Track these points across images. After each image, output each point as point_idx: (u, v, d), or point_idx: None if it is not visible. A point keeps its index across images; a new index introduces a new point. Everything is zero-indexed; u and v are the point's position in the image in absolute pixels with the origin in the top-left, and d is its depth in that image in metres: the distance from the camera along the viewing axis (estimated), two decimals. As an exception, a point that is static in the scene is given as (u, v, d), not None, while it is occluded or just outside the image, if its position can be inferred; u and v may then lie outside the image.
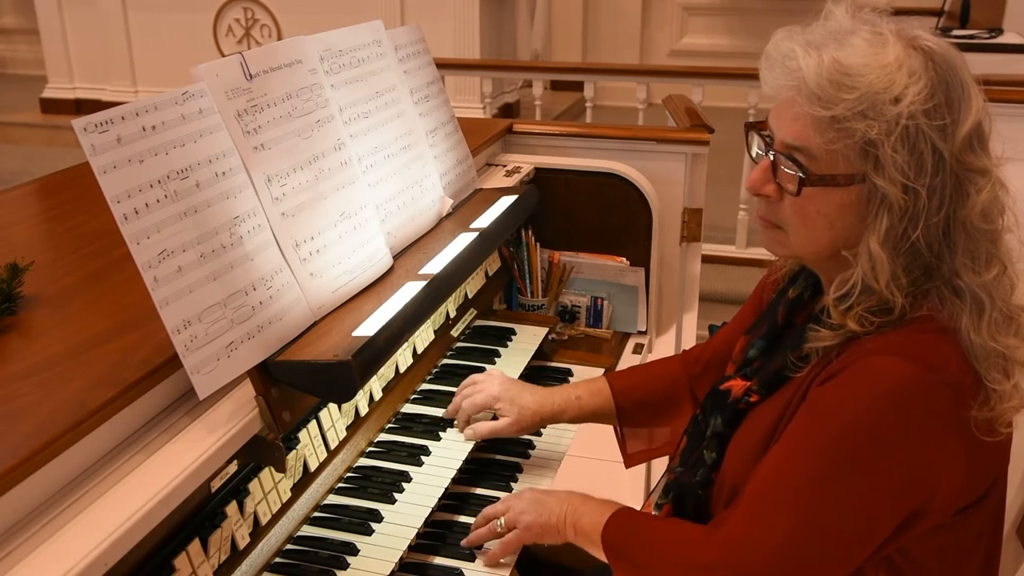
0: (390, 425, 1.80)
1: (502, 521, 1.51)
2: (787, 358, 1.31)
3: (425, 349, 1.92)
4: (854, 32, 1.20)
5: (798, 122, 1.21)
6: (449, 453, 1.72)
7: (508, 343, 2.12)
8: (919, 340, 1.19)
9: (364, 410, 1.70)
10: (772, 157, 1.25)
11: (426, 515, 1.56)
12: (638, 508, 1.76)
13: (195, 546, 1.24)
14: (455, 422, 1.79)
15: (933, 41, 1.19)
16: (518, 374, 2.00)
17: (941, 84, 1.16)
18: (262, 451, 1.34)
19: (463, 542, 1.55)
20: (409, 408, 1.86)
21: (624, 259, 2.37)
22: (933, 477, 1.18)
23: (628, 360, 2.28)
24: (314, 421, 1.54)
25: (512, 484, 1.75)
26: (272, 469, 1.40)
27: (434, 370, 1.99)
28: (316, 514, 1.56)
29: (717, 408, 1.42)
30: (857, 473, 1.16)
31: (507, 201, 2.04)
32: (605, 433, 1.77)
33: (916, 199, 1.16)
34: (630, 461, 1.77)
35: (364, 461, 1.70)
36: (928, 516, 1.20)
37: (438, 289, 1.65)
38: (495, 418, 1.75)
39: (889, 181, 1.16)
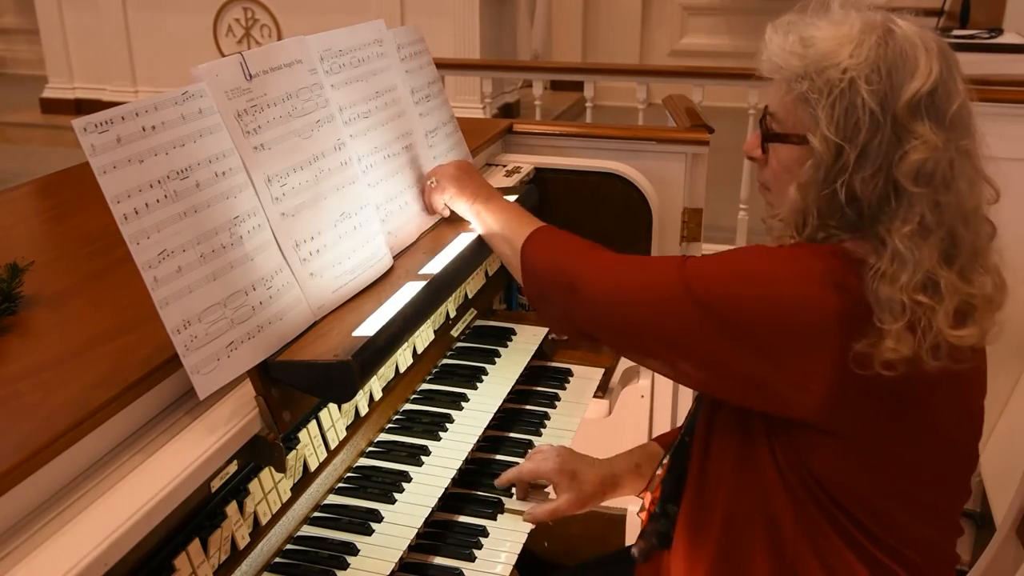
0: (390, 425, 1.80)
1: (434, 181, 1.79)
2: None
3: (425, 349, 1.92)
4: (827, 14, 1.33)
5: (769, 89, 1.37)
6: (449, 453, 1.72)
7: (508, 343, 2.12)
8: (838, 258, 1.28)
9: (364, 410, 1.70)
10: (762, 125, 1.40)
11: (426, 515, 1.56)
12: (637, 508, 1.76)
13: (195, 546, 1.24)
14: (513, 493, 1.72)
15: (902, 26, 1.28)
16: (518, 374, 2.00)
17: (884, 55, 1.25)
18: (262, 451, 1.34)
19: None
20: (409, 408, 1.86)
21: (624, 259, 2.36)
22: (792, 362, 1.26)
23: (628, 360, 2.28)
24: (314, 421, 1.54)
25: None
26: (272, 469, 1.40)
27: (434, 370, 1.99)
28: (316, 514, 1.56)
29: None
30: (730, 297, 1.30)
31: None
32: (604, 433, 1.77)
33: (845, 156, 1.26)
34: None
35: (364, 461, 1.70)
36: (778, 401, 1.29)
37: (438, 289, 1.65)
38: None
39: (820, 138, 1.26)
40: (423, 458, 1.70)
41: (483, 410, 1.86)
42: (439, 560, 1.54)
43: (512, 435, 1.89)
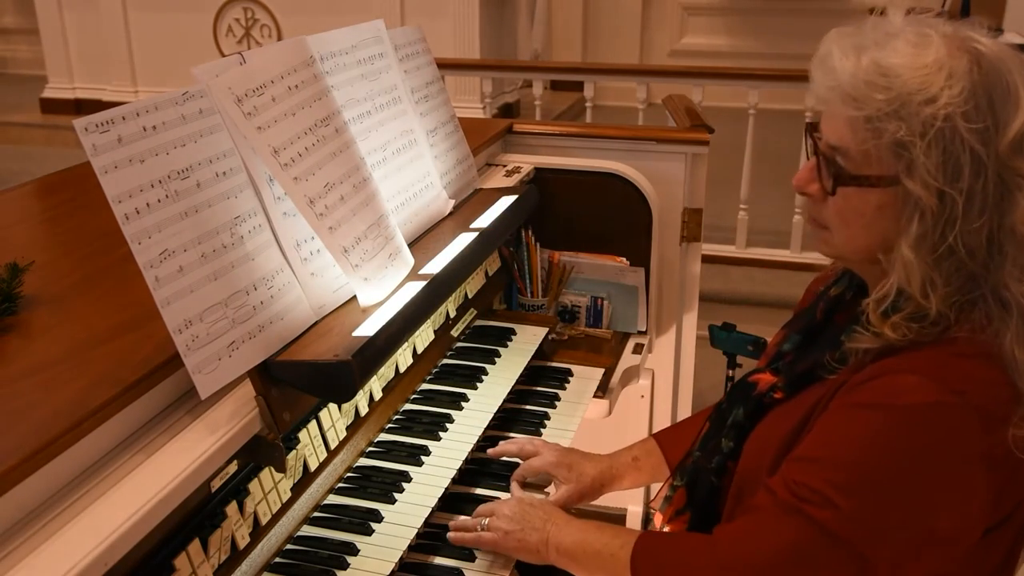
0: (390, 425, 1.80)
1: (486, 523, 1.52)
2: (821, 358, 1.29)
3: (425, 349, 1.92)
4: (899, 34, 1.19)
5: (836, 121, 1.22)
6: (449, 453, 1.72)
7: (508, 343, 2.12)
8: (948, 362, 1.16)
9: (364, 410, 1.70)
10: (818, 157, 1.26)
11: (426, 515, 1.56)
12: (639, 508, 1.76)
13: (195, 546, 1.24)
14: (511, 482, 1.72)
15: (985, 43, 1.16)
16: (518, 374, 2.00)
17: (983, 86, 1.13)
18: (262, 451, 1.34)
19: (449, 531, 1.56)
20: (409, 408, 1.86)
21: (624, 259, 2.37)
22: (951, 503, 1.15)
23: (628, 360, 2.28)
24: (314, 421, 1.54)
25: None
26: (272, 469, 1.40)
27: (434, 370, 1.99)
28: (316, 514, 1.56)
29: (741, 399, 1.42)
30: (865, 496, 1.16)
31: (507, 201, 2.04)
32: (604, 434, 1.77)
33: (952, 204, 1.14)
34: None
35: (364, 461, 1.70)
36: (946, 540, 1.17)
37: (438, 289, 1.65)
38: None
39: (921, 184, 1.14)
40: (423, 458, 1.70)
41: (483, 410, 1.86)
42: (439, 560, 1.54)
43: (512, 435, 1.89)
